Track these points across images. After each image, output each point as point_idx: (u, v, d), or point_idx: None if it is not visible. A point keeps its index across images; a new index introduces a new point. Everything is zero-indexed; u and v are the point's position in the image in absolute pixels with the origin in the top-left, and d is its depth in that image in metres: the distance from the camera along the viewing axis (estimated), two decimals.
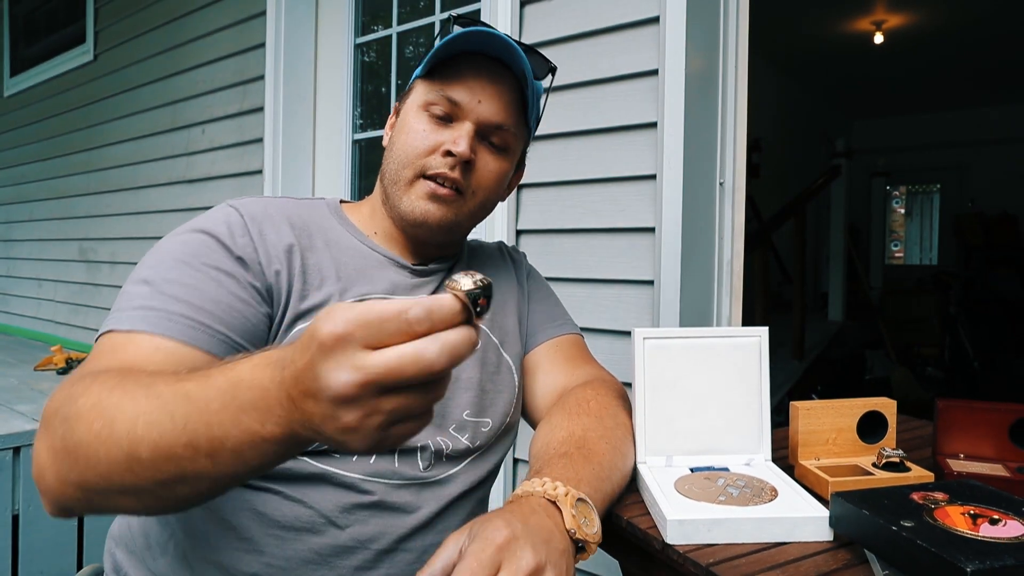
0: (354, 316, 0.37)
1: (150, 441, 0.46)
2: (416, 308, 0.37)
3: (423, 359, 0.37)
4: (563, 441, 0.67)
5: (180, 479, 0.46)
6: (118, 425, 0.48)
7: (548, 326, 0.88)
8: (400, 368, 0.37)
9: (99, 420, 0.49)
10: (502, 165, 0.78)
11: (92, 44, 2.98)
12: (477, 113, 0.74)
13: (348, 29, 2.07)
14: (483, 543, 0.48)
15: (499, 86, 0.75)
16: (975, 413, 0.80)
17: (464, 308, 0.39)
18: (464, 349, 0.38)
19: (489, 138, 0.77)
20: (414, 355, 0.37)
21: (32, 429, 1.66)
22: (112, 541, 0.75)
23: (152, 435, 0.46)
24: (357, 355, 0.37)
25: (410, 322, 0.37)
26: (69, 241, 3.14)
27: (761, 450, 0.78)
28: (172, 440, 0.45)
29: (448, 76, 0.75)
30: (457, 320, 0.39)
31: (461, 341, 0.38)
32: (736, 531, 0.62)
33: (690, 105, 1.25)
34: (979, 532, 0.54)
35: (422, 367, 0.37)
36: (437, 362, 0.37)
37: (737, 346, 0.78)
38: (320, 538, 0.66)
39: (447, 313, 0.38)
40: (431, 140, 0.74)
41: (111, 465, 0.48)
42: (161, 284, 0.64)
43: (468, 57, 0.75)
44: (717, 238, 1.34)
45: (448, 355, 0.38)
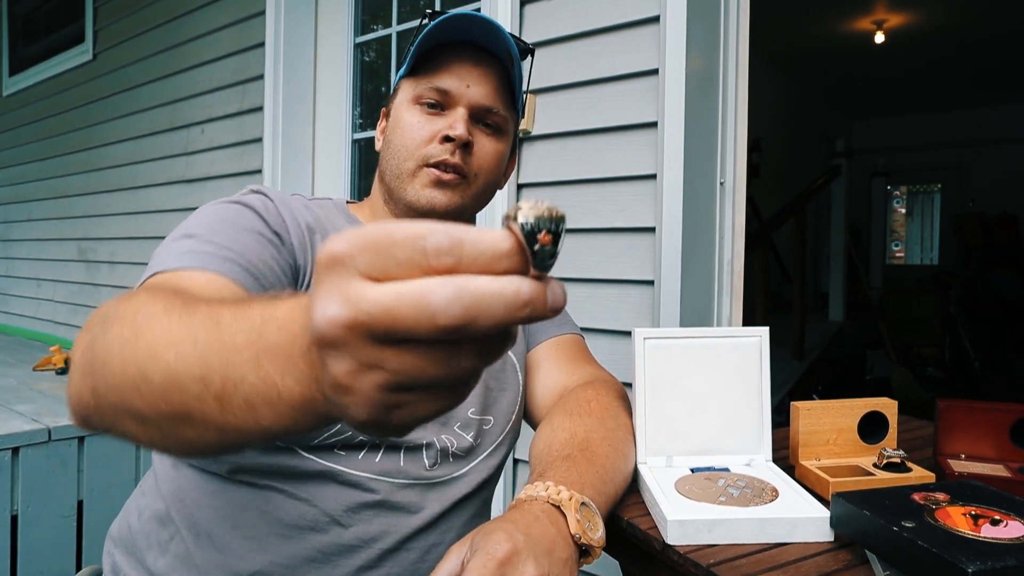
0: (360, 236, 0.28)
1: (165, 364, 0.41)
2: (438, 235, 0.27)
3: (425, 304, 0.26)
4: (565, 443, 0.67)
5: (186, 418, 0.41)
6: (143, 337, 0.43)
7: (549, 325, 0.88)
8: (395, 310, 0.26)
9: (129, 327, 0.45)
10: (499, 146, 0.79)
11: (91, 43, 2.98)
12: (468, 98, 0.75)
13: (348, 28, 2.07)
14: (485, 557, 0.47)
15: (485, 69, 0.76)
16: (976, 413, 0.80)
17: (516, 248, 0.27)
18: (496, 307, 0.26)
19: (483, 121, 0.77)
20: (415, 297, 0.26)
21: (31, 429, 1.66)
22: (111, 542, 0.75)
23: (168, 357, 0.41)
24: (352, 285, 0.28)
25: (427, 252, 0.27)
26: (68, 241, 3.14)
27: (762, 450, 0.78)
28: (186, 369, 0.40)
29: (432, 69, 0.76)
30: (501, 265, 0.27)
31: (491, 293, 0.26)
32: (737, 531, 0.62)
33: (690, 105, 1.25)
34: (980, 533, 0.53)
35: (422, 314, 0.26)
36: (445, 312, 0.26)
37: (737, 346, 0.78)
38: (324, 537, 0.66)
39: (486, 249, 0.27)
40: (427, 130, 0.75)
41: (123, 379, 0.44)
42: (206, 235, 0.62)
43: (449, 47, 0.75)
44: (717, 238, 1.34)
45: (464, 307, 0.26)
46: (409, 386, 0.29)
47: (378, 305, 0.27)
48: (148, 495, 0.73)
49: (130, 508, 0.75)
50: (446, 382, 0.29)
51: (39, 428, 1.68)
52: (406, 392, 0.29)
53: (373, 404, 0.29)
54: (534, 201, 0.28)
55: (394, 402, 0.29)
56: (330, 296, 0.28)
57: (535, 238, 0.27)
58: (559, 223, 0.28)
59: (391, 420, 0.30)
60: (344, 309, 0.27)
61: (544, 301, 0.27)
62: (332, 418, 0.35)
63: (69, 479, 1.73)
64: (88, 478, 1.78)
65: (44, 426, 1.69)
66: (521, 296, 0.27)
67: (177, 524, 0.68)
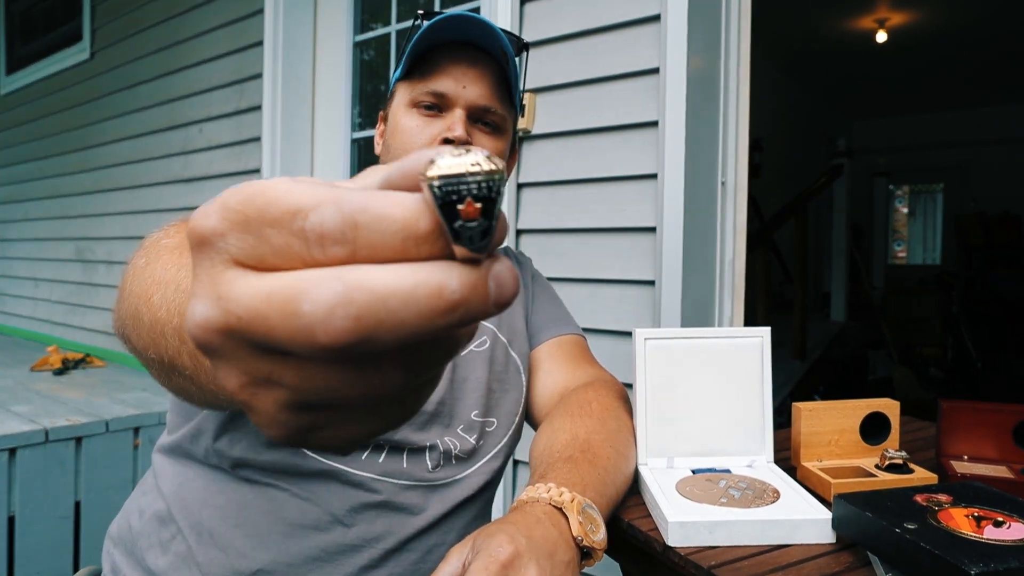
0: (231, 205, 0.20)
1: (150, 305, 0.38)
2: (324, 211, 0.19)
3: (296, 314, 0.19)
4: (566, 444, 0.67)
5: (171, 366, 0.38)
6: (148, 269, 0.41)
7: (551, 325, 0.88)
8: (266, 317, 0.19)
9: (147, 255, 0.43)
10: (498, 145, 0.79)
11: (89, 42, 2.97)
12: (465, 99, 0.75)
13: (347, 27, 2.07)
14: (487, 559, 0.47)
15: (480, 69, 0.76)
16: (979, 414, 0.79)
17: (433, 226, 0.19)
18: (405, 314, 0.19)
19: (481, 121, 0.77)
20: (283, 301, 0.19)
21: (28, 430, 1.66)
22: (110, 542, 0.75)
23: (155, 297, 0.38)
24: (223, 277, 0.20)
25: (307, 237, 0.19)
26: (65, 240, 3.13)
27: (763, 451, 0.78)
28: (166, 316, 0.37)
29: (427, 71, 0.75)
30: (418, 250, 0.20)
31: (395, 295, 0.19)
32: (738, 533, 0.62)
33: (691, 104, 1.24)
34: (983, 535, 0.53)
35: (296, 328, 0.19)
36: (325, 326, 0.18)
37: (739, 346, 0.78)
38: (327, 536, 0.66)
39: (394, 231, 0.19)
40: (426, 134, 0.75)
41: (127, 310, 0.42)
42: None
43: (443, 48, 0.75)
44: (719, 238, 1.34)
45: (354, 318, 0.18)
46: (320, 405, 0.22)
47: (247, 309, 0.19)
48: (148, 495, 0.73)
49: (130, 508, 0.75)
50: (367, 402, 0.22)
51: (36, 429, 1.67)
52: (320, 412, 0.22)
53: (281, 425, 0.22)
54: (451, 153, 0.19)
55: (308, 423, 0.22)
56: (199, 292, 0.21)
57: (454, 210, 0.19)
58: (490, 183, 0.19)
59: (313, 442, 0.23)
60: (214, 310, 0.20)
61: (484, 296, 0.20)
62: None
63: (66, 480, 1.73)
64: (85, 479, 1.77)
65: (41, 427, 1.68)
66: (445, 296, 0.19)
67: (178, 523, 0.68)
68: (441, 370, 0.23)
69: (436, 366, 0.22)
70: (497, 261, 0.20)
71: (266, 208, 0.20)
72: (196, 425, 0.69)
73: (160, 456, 0.74)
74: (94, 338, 2.85)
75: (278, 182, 0.20)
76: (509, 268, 0.21)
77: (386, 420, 0.23)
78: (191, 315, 0.21)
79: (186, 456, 0.71)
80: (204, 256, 0.21)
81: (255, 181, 0.21)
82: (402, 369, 0.21)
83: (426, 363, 0.22)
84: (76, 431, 1.74)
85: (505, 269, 0.20)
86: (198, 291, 0.21)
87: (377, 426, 0.23)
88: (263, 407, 0.22)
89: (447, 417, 0.74)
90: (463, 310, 0.19)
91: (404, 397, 0.23)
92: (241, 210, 0.20)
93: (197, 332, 0.21)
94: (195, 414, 0.70)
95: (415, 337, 0.19)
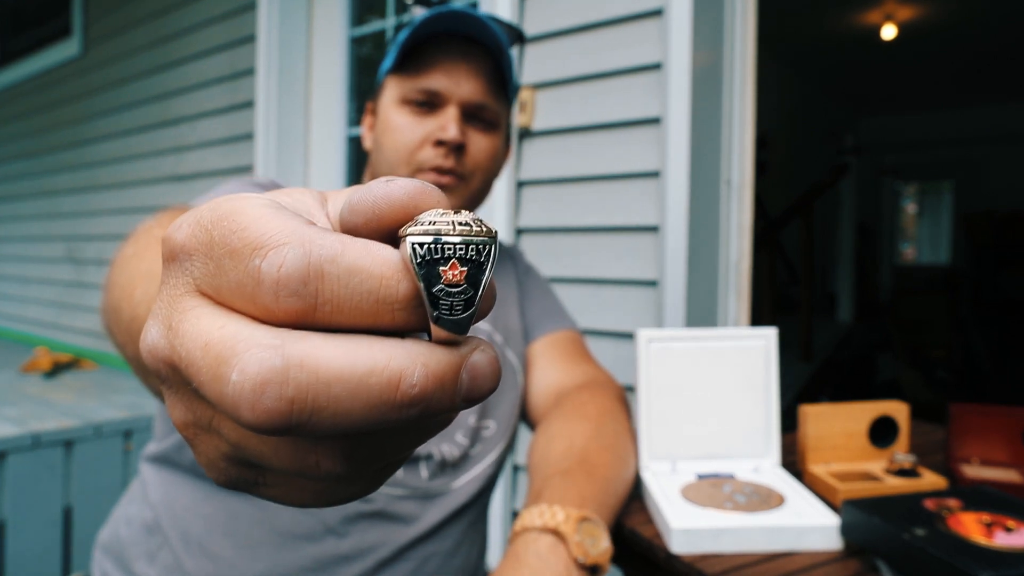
0: (207, 220, 0.18)
1: (133, 302, 0.36)
2: (290, 251, 0.17)
3: (223, 379, 0.17)
4: (562, 455, 0.65)
5: (146, 369, 0.35)
6: (138, 259, 0.40)
7: (545, 321, 0.86)
8: (197, 367, 0.17)
9: (138, 246, 0.42)
10: (493, 142, 0.77)
11: (79, 37, 2.94)
12: (459, 95, 0.73)
13: (343, 21, 2.05)
14: None
15: (474, 64, 0.74)
16: (989, 418, 0.78)
17: (412, 291, 0.17)
18: (350, 403, 0.16)
19: (475, 117, 0.75)
20: (215, 361, 0.17)
21: (17, 434, 1.64)
22: (100, 550, 0.74)
23: (137, 293, 0.36)
24: (181, 303, 0.18)
25: (260, 281, 0.17)
26: (55, 240, 3.10)
27: (769, 455, 0.76)
28: (146, 314, 0.34)
29: (421, 65, 0.73)
30: (389, 318, 0.18)
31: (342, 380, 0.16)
32: (743, 539, 0.61)
33: (695, 100, 1.23)
34: (993, 541, 0.52)
35: (222, 394, 0.17)
36: (252, 402, 0.16)
37: (745, 348, 0.76)
38: (320, 546, 0.65)
39: (364, 292, 0.17)
40: (418, 133, 0.73)
41: (111, 300, 0.41)
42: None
43: (436, 40, 0.73)
44: (723, 237, 1.32)
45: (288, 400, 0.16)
46: (260, 467, 0.19)
47: (187, 352, 0.17)
48: (136, 503, 0.72)
49: (118, 516, 0.74)
50: (307, 478, 0.19)
51: (25, 433, 1.65)
52: (262, 471, 0.20)
53: (221, 472, 0.20)
54: (439, 211, 0.18)
55: (251, 478, 0.20)
56: (157, 312, 0.19)
57: (435, 271, 0.17)
58: (480, 247, 0.17)
59: (258, 495, 0.21)
60: (161, 340, 0.18)
61: (450, 393, 0.17)
62: None
63: (56, 485, 1.71)
64: (76, 484, 1.75)
65: (31, 431, 1.66)
66: (402, 389, 0.16)
67: (166, 533, 0.67)
68: (404, 456, 0.20)
69: (390, 456, 0.19)
70: (478, 349, 0.18)
71: (229, 235, 0.17)
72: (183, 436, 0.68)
73: (147, 464, 0.73)
74: (84, 340, 2.83)
75: (251, 204, 0.18)
76: (490, 361, 0.18)
77: (334, 497, 0.20)
78: (144, 335, 0.19)
79: (173, 465, 0.70)
80: (170, 272, 0.19)
81: (237, 198, 0.19)
82: (340, 457, 0.18)
83: (377, 453, 0.19)
84: (66, 435, 1.71)
85: (485, 362, 0.18)
86: (157, 311, 0.19)
87: (324, 500, 0.21)
88: (204, 451, 0.20)
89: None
90: (422, 407, 0.17)
91: (352, 479, 0.20)
92: (209, 231, 0.18)
93: (147, 356, 0.19)
94: None
95: (360, 429, 0.17)
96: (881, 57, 5.47)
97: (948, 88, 6.45)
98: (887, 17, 4.63)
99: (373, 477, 0.20)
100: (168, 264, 0.19)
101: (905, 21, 4.70)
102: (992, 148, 7.03)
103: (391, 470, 0.21)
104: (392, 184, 0.18)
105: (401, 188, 0.18)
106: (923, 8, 4.48)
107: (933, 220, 8.24)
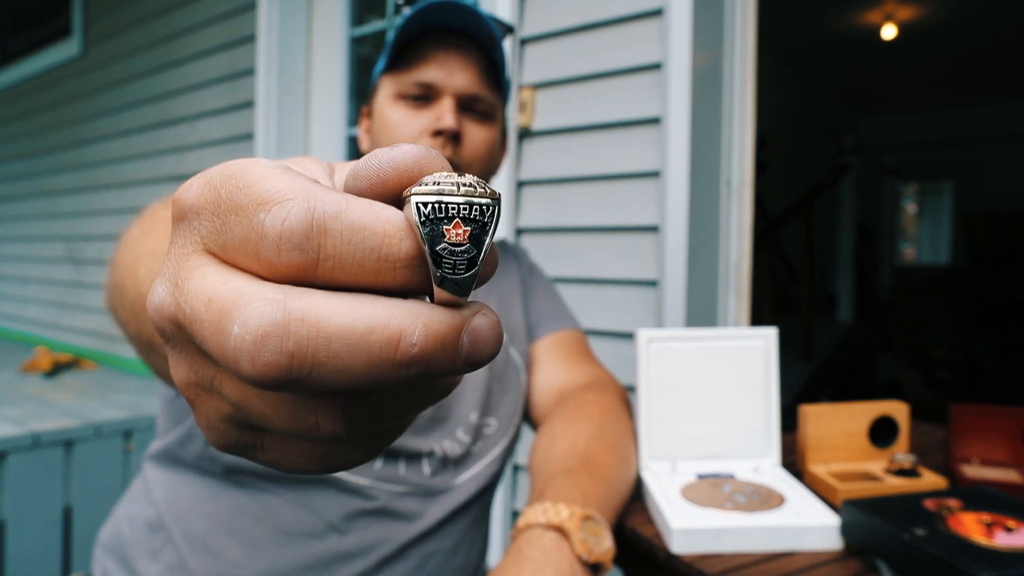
0: (217, 179, 0.19)
1: (138, 279, 0.36)
2: (290, 208, 0.17)
3: (225, 332, 0.17)
4: (565, 455, 0.65)
5: (149, 344, 0.36)
6: (144, 239, 0.40)
7: (548, 320, 0.86)
8: (203, 324, 0.18)
9: (144, 227, 0.43)
10: (490, 132, 0.77)
11: (79, 37, 2.93)
12: (453, 87, 0.73)
13: (343, 21, 2.05)
14: None
15: (467, 55, 0.74)
16: (989, 418, 0.78)
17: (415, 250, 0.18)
18: (351, 359, 0.17)
19: (470, 108, 0.75)
20: (218, 313, 0.17)
21: (17, 434, 1.63)
22: (101, 549, 0.74)
23: (142, 271, 0.36)
24: (188, 261, 0.19)
25: (264, 236, 0.17)
26: (55, 239, 3.09)
27: (769, 455, 0.76)
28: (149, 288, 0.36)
29: (413, 61, 0.73)
30: (390, 276, 0.18)
31: (342, 336, 0.16)
32: (743, 539, 0.61)
33: (695, 100, 1.23)
34: (994, 541, 0.52)
35: (224, 346, 0.17)
36: (252, 354, 0.16)
37: (745, 348, 0.76)
38: (322, 544, 0.65)
39: (367, 248, 0.17)
40: (414, 126, 0.73)
41: (116, 278, 0.41)
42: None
43: (427, 36, 0.73)
44: (723, 238, 1.32)
45: (288, 353, 0.16)
46: (260, 428, 0.20)
47: (192, 309, 0.18)
48: (138, 501, 0.72)
49: (119, 515, 0.74)
50: (307, 440, 0.19)
51: (25, 433, 1.65)
52: (261, 433, 0.20)
53: (220, 434, 0.21)
54: (443, 173, 0.18)
55: (249, 441, 0.20)
56: (165, 271, 0.20)
57: (439, 229, 0.17)
58: (483, 207, 0.17)
59: (255, 460, 0.21)
60: (168, 297, 0.19)
61: (451, 354, 0.17)
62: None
63: (56, 485, 1.71)
64: (76, 484, 1.75)
65: (31, 431, 1.66)
66: (401, 347, 0.17)
67: (169, 531, 0.67)
68: (404, 423, 0.20)
69: (390, 420, 0.19)
70: (480, 312, 0.18)
71: (236, 192, 0.18)
72: (187, 430, 0.68)
73: (150, 462, 0.73)
74: (85, 340, 2.82)
75: (260, 165, 0.18)
76: (492, 326, 0.18)
77: (331, 462, 0.20)
78: (151, 293, 0.20)
79: (177, 462, 0.70)
80: (179, 232, 0.20)
81: (246, 160, 0.19)
82: (341, 417, 0.18)
83: (376, 414, 0.19)
84: (66, 435, 1.71)
85: (486, 326, 0.18)
86: (164, 270, 0.20)
87: (322, 465, 0.21)
88: (205, 411, 0.20)
89: (446, 420, 0.73)
90: (422, 366, 0.17)
91: (351, 441, 0.20)
92: (217, 189, 0.18)
93: (152, 314, 0.20)
94: (186, 417, 0.69)
95: (359, 387, 0.17)
96: (881, 57, 5.46)
97: (948, 88, 6.44)
98: (887, 17, 4.63)
99: (372, 443, 0.20)
100: (177, 224, 0.20)
101: (905, 21, 4.69)
102: (992, 148, 7.03)
103: (390, 437, 0.21)
104: (397, 149, 0.19)
105: (405, 152, 0.19)
106: (923, 8, 4.48)
107: (933, 220, 8.24)
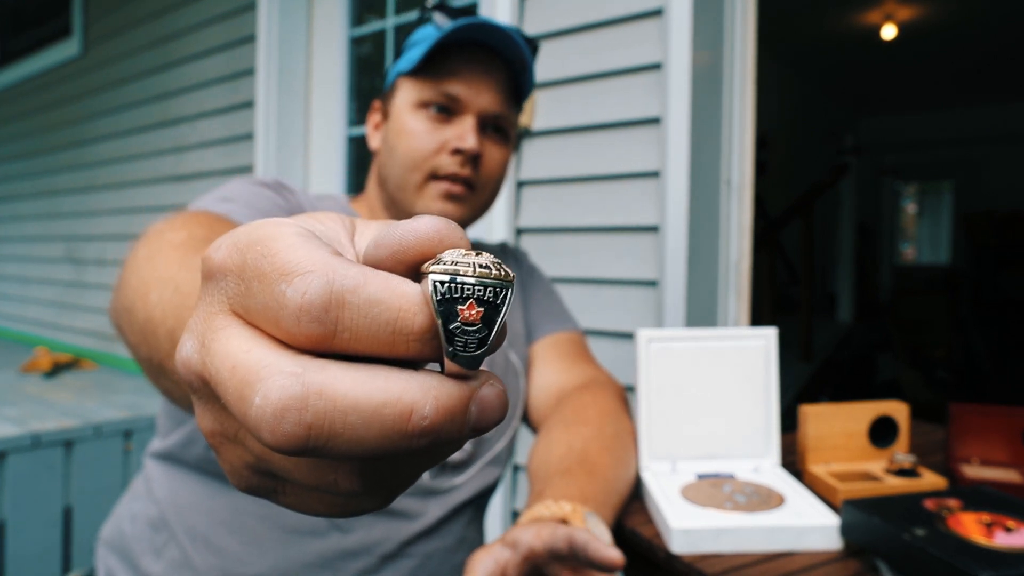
0: (243, 242, 0.20)
1: (148, 304, 0.38)
2: (314, 279, 0.18)
3: (247, 401, 0.18)
4: (562, 457, 0.65)
5: (159, 367, 0.37)
6: (153, 263, 0.41)
7: (546, 322, 0.86)
8: (225, 386, 0.19)
9: (151, 249, 0.44)
10: (505, 152, 0.77)
11: (79, 38, 2.93)
12: (478, 105, 0.73)
13: (343, 21, 2.05)
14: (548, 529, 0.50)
15: (494, 75, 0.74)
16: (989, 418, 0.78)
17: (428, 324, 0.18)
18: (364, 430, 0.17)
19: (490, 127, 0.75)
20: (240, 383, 0.18)
21: (17, 434, 1.63)
22: (104, 546, 0.74)
23: (152, 296, 0.38)
24: (215, 320, 0.20)
25: (284, 307, 0.18)
26: (55, 240, 3.09)
27: (769, 455, 0.76)
28: (160, 317, 0.36)
29: (441, 71, 0.72)
30: (403, 348, 0.18)
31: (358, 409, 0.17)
32: (743, 539, 0.61)
33: (695, 100, 1.23)
34: (994, 541, 0.52)
35: (246, 414, 0.18)
36: (272, 425, 0.17)
37: (744, 348, 0.76)
38: (325, 542, 0.65)
39: (381, 323, 0.18)
40: (435, 140, 0.72)
41: (124, 300, 0.42)
42: (244, 203, 0.64)
43: (458, 49, 0.73)
44: (723, 238, 1.32)
45: (306, 425, 0.17)
46: (280, 478, 0.21)
47: (217, 372, 0.19)
48: (140, 499, 0.72)
49: (121, 513, 0.74)
50: (325, 492, 0.20)
51: (25, 433, 1.64)
52: (282, 482, 0.21)
53: (244, 480, 0.22)
54: (461, 252, 0.19)
55: (271, 487, 0.22)
56: (193, 327, 0.21)
57: (453, 309, 0.18)
58: (497, 289, 0.18)
59: (277, 503, 0.22)
60: (195, 355, 0.20)
61: (459, 424, 0.18)
62: None
63: (56, 485, 1.71)
64: (76, 484, 1.75)
65: (31, 431, 1.65)
66: (413, 420, 0.17)
67: (172, 529, 0.67)
68: (417, 476, 0.22)
69: (404, 477, 0.21)
70: (487, 383, 0.19)
71: (260, 260, 0.19)
72: (189, 433, 0.68)
73: (152, 461, 0.73)
74: (85, 340, 2.82)
75: (287, 233, 0.19)
76: (498, 394, 0.19)
77: (348, 509, 0.21)
78: (180, 348, 0.21)
79: (178, 462, 0.70)
80: (208, 290, 0.21)
81: (272, 223, 0.20)
82: (358, 477, 0.20)
83: (392, 474, 0.20)
84: (66, 435, 1.71)
85: (493, 395, 0.19)
86: (193, 326, 0.21)
87: (338, 511, 0.22)
88: (229, 458, 0.22)
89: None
90: (432, 437, 0.18)
91: (369, 494, 0.21)
92: (243, 253, 0.19)
93: (180, 368, 0.21)
94: (186, 420, 0.69)
95: (374, 455, 0.18)
96: (881, 57, 5.46)
97: (948, 88, 6.44)
98: (887, 17, 4.63)
99: (387, 494, 0.22)
100: (206, 281, 0.21)
101: (905, 21, 4.69)
102: (992, 148, 7.02)
103: (404, 488, 0.22)
104: (419, 221, 0.20)
105: (428, 225, 0.19)
106: (923, 8, 4.48)
107: (933, 220, 8.24)
